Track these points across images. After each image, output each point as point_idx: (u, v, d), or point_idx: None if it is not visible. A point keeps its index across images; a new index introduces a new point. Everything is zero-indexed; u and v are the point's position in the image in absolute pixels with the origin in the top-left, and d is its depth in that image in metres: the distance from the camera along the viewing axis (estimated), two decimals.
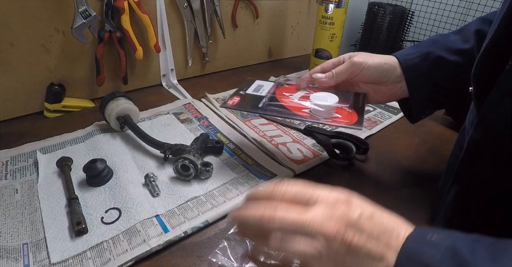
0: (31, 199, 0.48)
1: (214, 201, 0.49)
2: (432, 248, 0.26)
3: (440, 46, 0.49)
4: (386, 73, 0.49)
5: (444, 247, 0.26)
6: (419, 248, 0.26)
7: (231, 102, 0.52)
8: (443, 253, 0.25)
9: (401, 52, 0.51)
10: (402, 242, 0.27)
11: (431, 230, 0.28)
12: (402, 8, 1.12)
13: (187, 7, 0.78)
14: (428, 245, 0.26)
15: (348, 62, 0.50)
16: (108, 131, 0.63)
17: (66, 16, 0.64)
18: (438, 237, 0.27)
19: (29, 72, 0.65)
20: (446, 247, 0.26)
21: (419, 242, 0.27)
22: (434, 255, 0.25)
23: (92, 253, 0.41)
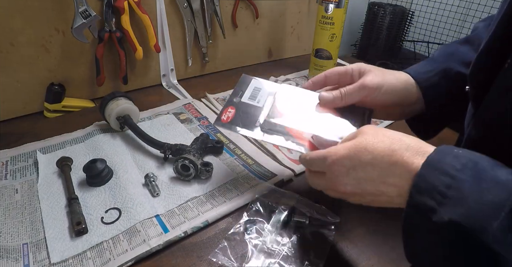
0: (31, 199, 0.48)
1: (214, 201, 0.49)
2: (455, 159, 0.29)
3: (456, 60, 0.46)
4: (405, 98, 0.45)
5: (466, 159, 0.28)
6: (443, 158, 0.29)
7: (225, 118, 0.47)
8: (464, 164, 0.28)
9: (416, 69, 0.47)
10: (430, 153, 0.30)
11: (457, 148, 0.30)
12: (402, 8, 1.12)
13: (187, 7, 0.78)
14: (452, 157, 0.29)
15: (359, 84, 0.44)
16: (108, 131, 0.63)
17: (66, 16, 0.64)
18: (464, 152, 0.29)
19: (29, 72, 0.65)
20: (468, 160, 0.28)
21: (445, 154, 0.30)
22: (455, 165, 0.28)
23: (92, 253, 0.41)
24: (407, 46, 1.24)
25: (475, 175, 0.27)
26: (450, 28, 1.13)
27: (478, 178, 0.27)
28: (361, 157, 0.33)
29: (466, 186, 0.27)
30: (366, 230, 0.46)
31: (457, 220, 0.26)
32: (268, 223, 0.44)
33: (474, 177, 0.27)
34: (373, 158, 0.33)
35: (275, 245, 0.41)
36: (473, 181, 0.27)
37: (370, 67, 0.46)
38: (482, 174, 0.27)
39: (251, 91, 0.50)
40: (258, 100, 0.48)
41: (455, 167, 0.28)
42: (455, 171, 0.28)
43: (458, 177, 0.27)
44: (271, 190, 0.50)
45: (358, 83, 0.44)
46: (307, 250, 0.42)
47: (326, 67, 0.86)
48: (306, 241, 0.43)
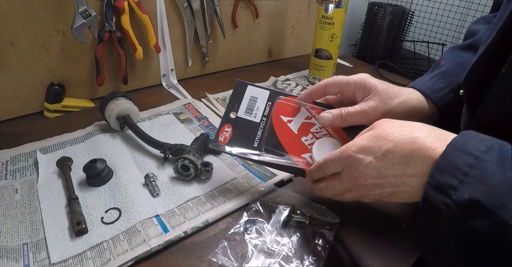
0: (31, 199, 0.48)
1: (214, 201, 0.49)
2: (480, 142, 0.29)
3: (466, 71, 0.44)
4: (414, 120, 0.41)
5: (491, 143, 0.28)
6: (468, 140, 0.29)
7: (223, 138, 0.45)
8: (489, 147, 0.28)
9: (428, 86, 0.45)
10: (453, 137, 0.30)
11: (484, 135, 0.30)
12: (402, 8, 1.12)
13: (187, 7, 0.78)
14: (476, 140, 0.29)
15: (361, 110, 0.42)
16: (108, 131, 0.63)
17: (66, 16, 0.64)
18: (490, 137, 0.29)
19: (29, 72, 0.65)
20: (493, 143, 0.28)
21: (469, 137, 0.29)
22: (479, 147, 0.28)
23: (92, 253, 0.41)
24: (407, 46, 1.24)
25: (500, 156, 0.27)
26: (450, 28, 1.13)
27: (503, 159, 0.27)
28: (382, 146, 0.33)
29: (489, 166, 0.27)
30: (366, 230, 0.46)
31: (477, 198, 0.26)
32: (268, 223, 0.44)
33: (499, 158, 0.27)
34: (394, 146, 0.32)
35: (275, 245, 0.41)
36: (497, 161, 0.27)
37: (374, 84, 0.43)
38: (506, 156, 0.27)
39: (247, 102, 0.48)
40: (254, 114, 0.47)
41: (480, 149, 0.28)
42: (479, 152, 0.27)
43: (481, 157, 0.27)
44: (271, 190, 0.50)
45: (359, 108, 0.42)
46: (307, 250, 0.42)
47: (326, 67, 0.86)
48: (306, 241, 0.43)
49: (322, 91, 0.46)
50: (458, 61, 0.47)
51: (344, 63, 1.05)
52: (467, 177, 0.27)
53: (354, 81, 0.44)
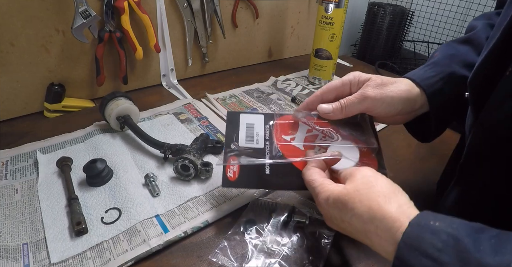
0: (31, 199, 0.48)
1: (214, 201, 0.49)
2: (434, 236, 0.26)
3: (458, 62, 0.44)
4: (408, 106, 0.43)
5: (445, 236, 0.26)
6: (421, 234, 0.27)
7: (232, 173, 0.43)
8: (444, 242, 0.25)
9: (420, 75, 0.44)
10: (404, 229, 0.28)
11: (434, 217, 0.28)
12: (402, 8, 1.12)
13: (187, 7, 0.78)
14: (430, 233, 0.26)
15: (360, 95, 0.42)
16: (108, 131, 0.63)
17: (66, 16, 0.64)
18: (441, 225, 0.27)
19: (29, 72, 0.65)
20: (448, 236, 0.26)
21: (422, 229, 0.27)
22: (435, 243, 0.25)
23: (92, 253, 0.41)
24: (407, 46, 1.24)
25: (459, 256, 0.24)
26: (450, 28, 1.13)
27: (464, 261, 0.24)
28: (341, 212, 0.34)
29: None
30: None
31: None
32: (268, 223, 0.44)
33: (458, 259, 0.24)
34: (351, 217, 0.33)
35: (275, 245, 0.41)
36: (458, 263, 0.24)
37: (368, 76, 0.43)
38: (466, 257, 0.24)
39: (245, 130, 0.46)
40: (256, 140, 0.45)
41: (436, 246, 0.25)
42: (436, 252, 0.25)
43: (440, 259, 0.25)
44: (271, 190, 0.50)
45: (358, 94, 0.42)
46: (307, 250, 0.42)
47: (326, 67, 0.86)
48: (306, 241, 0.43)
49: (319, 100, 0.45)
50: (451, 52, 0.46)
51: (344, 63, 1.05)
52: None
53: (348, 80, 0.44)
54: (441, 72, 0.43)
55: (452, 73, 0.43)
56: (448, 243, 0.25)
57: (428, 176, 0.57)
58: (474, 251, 0.24)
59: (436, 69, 0.44)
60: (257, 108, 0.75)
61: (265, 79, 0.90)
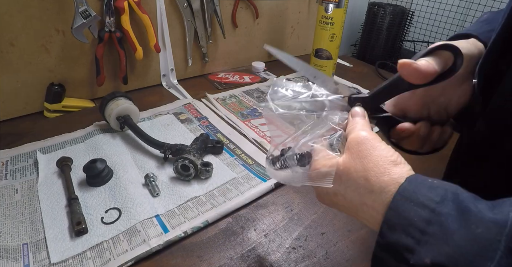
0: (31, 199, 0.48)
1: (214, 201, 0.49)
2: (431, 190, 0.25)
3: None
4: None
5: (443, 191, 0.25)
6: (417, 187, 0.25)
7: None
8: (443, 196, 0.24)
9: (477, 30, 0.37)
10: (401, 182, 0.26)
11: (431, 178, 0.27)
12: (402, 8, 1.12)
13: (187, 7, 0.78)
14: (426, 187, 0.25)
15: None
16: (108, 131, 0.63)
17: (66, 16, 0.64)
18: (439, 183, 0.26)
19: (29, 72, 0.65)
20: (446, 191, 0.25)
21: (418, 183, 0.26)
22: (432, 197, 0.24)
23: (92, 253, 0.41)
24: (407, 46, 1.24)
25: (458, 208, 0.23)
26: (450, 28, 1.13)
27: (462, 211, 0.23)
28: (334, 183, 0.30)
29: (450, 221, 0.23)
30: (367, 229, 0.46)
31: (442, 262, 0.21)
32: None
33: (458, 210, 0.23)
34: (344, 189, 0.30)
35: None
36: (457, 215, 0.23)
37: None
38: (465, 207, 0.23)
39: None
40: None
41: (433, 199, 0.24)
42: (434, 204, 0.24)
43: (438, 210, 0.23)
44: (271, 190, 0.50)
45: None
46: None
47: (326, 67, 0.86)
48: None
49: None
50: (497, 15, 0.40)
51: (344, 63, 1.05)
52: (425, 235, 0.23)
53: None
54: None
55: None
56: (447, 197, 0.24)
57: (428, 176, 0.57)
58: (473, 205, 0.23)
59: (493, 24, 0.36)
60: (257, 108, 0.75)
61: (265, 79, 0.90)
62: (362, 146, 0.30)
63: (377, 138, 0.30)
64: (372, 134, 0.31)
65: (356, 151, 0.30)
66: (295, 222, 0.47)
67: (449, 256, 0.22)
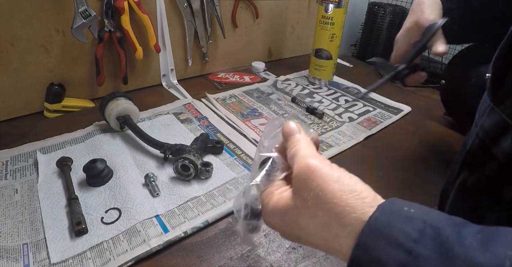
0: (31, 199, 0.48)
1: (214, 201, 0.49)
2: (408, 222, 0.21)
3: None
4: None
5: (422, 223, 0.21)
6: (391, 219, 0.21)
7: None
8: (421, 231, 0.20)
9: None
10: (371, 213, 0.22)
11: (409, 204, 0.22)
12: (402, 8, 1.12)
13: (187, 7, 0.78)
14: (402, 219, 0.21)
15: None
16: (108, 131, 0.63)
17: (66, 16, 0.64)
18: (416, 211, 0.21)
19: (29, 72, 0.65)
20: (425, 224, 0.20)
21: (392, 213, 0.21)
22: (410, 232, 0.20)
23: (92, 253, 0.41)
24: None
25: (440, 248, 0.19)
26: None
27: (445, 254, 0.19)
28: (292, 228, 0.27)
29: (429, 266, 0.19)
30: None
31: None
32: None
33: (439, 252, 0.19)
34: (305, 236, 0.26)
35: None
36: (438, 258, 0.19)
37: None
38: (449, 251, 0.19)
39: None
40: None
41: (411, 235, 0.20)
42: (411, 242, 0.20)
43: (416, 251, 0.19)
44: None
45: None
46: None
47: (326, 67, 0.86)
48: None
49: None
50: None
51: (344, 63, 1.05)
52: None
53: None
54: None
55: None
56: (425, 233, 0.20)
57: (429, 176, 0.57)
58: (458, 245, 0.19)
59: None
60: (257, 108, 0.75)
61: (265, 79, 0.90)
62: (311, 182, 0.24)
63: (326, 165, 0.25)
64: (319, 160, 0.25)
65: (306, 190, 0.24)
66: None
67: None
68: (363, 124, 0.72)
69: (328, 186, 0.24)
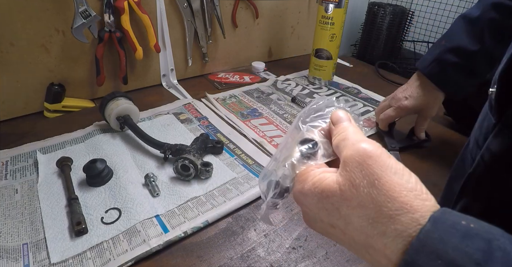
0: (31, 199, 0.48)
1: (214, 201, 0.49)
2: (468, 240, 0.17)
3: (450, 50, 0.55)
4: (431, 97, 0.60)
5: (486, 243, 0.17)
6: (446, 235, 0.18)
7: None
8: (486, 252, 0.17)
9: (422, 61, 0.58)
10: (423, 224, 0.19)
11: (464, 216, 0.19)
12: (402, 8, 1.12)
13: (187, 7, 0.78)
14: (461, 234, 0.18)
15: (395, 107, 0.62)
16: (108, 131, 0.63)
17: (66, 16, 0.64)
18: (478, 225, 0.18)
19: (29, 72, 0.65)
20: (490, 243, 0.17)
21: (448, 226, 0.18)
22: (471, 253, 0.17)
23: (92, 253, 0.41)
24: (407, 46, 1.24)
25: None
26: None
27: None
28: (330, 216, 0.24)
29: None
30: None
31: None
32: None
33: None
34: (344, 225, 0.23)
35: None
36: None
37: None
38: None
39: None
40: None
41: (472, 256, 0.17)
42: (474, 265, 0.17)
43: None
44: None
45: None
46: None
47: (326, 67, 0.86)
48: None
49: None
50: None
51: (344, 63, 1.05)
52: None
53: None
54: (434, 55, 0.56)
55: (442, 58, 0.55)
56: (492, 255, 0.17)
57: (429, 177, 0.57)
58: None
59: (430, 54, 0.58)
60: (257, 108, 0.75)
61: (265, 79, 0.90)
62: (367, 168, 0.21)
63: (384, 153, 0.22)
64: (376, 146, 0.23)
65: (359, 175, 0.22)
66: (295, 222, 0.47)
67: None
68: (363, 124, 0.72)
69: (386, 176, 0.21)
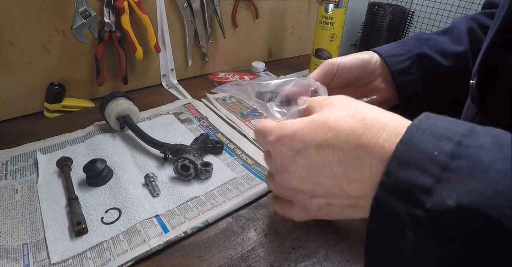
0: (31, 199, 0.48)
1: (214, 201, 0.49)
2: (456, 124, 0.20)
3: (431, 46, 0.42)
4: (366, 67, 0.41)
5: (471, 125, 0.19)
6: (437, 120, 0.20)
7: None
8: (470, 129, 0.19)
9: (385, 50, 0.42)
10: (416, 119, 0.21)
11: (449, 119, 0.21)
12: (402, 8, 1.12)
13: (187, 7, 0.78)
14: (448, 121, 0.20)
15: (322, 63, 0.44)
16: (108, 131, 0.63)
17: (66, 16, 0.64)
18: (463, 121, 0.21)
19: (29, 72, 0.65)
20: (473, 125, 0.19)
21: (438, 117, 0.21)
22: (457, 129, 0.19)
23: (92, 253, 0.41)
24: None
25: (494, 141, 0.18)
26: None
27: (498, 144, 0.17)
28: (318, 135, 0.24)
29: (482, 153, 0.17)
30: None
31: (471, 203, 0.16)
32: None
33: (493, 143, 0.18)
34: (334, 136, 0.23)
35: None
36: (492, 147, 0.17)
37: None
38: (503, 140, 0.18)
39: None
40: None
41: (459, 131, 0.19)
42: (460, 136, 0.18)
43: (466, 143, 0.18)
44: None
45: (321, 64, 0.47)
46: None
47: None
48: None
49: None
50: (425, 37, 0.44)
51: None
52: (447, 171, 0.17)
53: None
54: (409, 50, 0.41)
55: (422, 54, 0.41)
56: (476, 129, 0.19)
57: None
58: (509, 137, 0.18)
59: (403, 47, 0.42)
60: (257, 108, 0.75)
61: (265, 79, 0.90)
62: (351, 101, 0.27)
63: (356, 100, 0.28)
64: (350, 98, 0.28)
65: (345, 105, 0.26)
66: (295, 222, 0.47)
67: (482, 195, 0.16)
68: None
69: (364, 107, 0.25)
